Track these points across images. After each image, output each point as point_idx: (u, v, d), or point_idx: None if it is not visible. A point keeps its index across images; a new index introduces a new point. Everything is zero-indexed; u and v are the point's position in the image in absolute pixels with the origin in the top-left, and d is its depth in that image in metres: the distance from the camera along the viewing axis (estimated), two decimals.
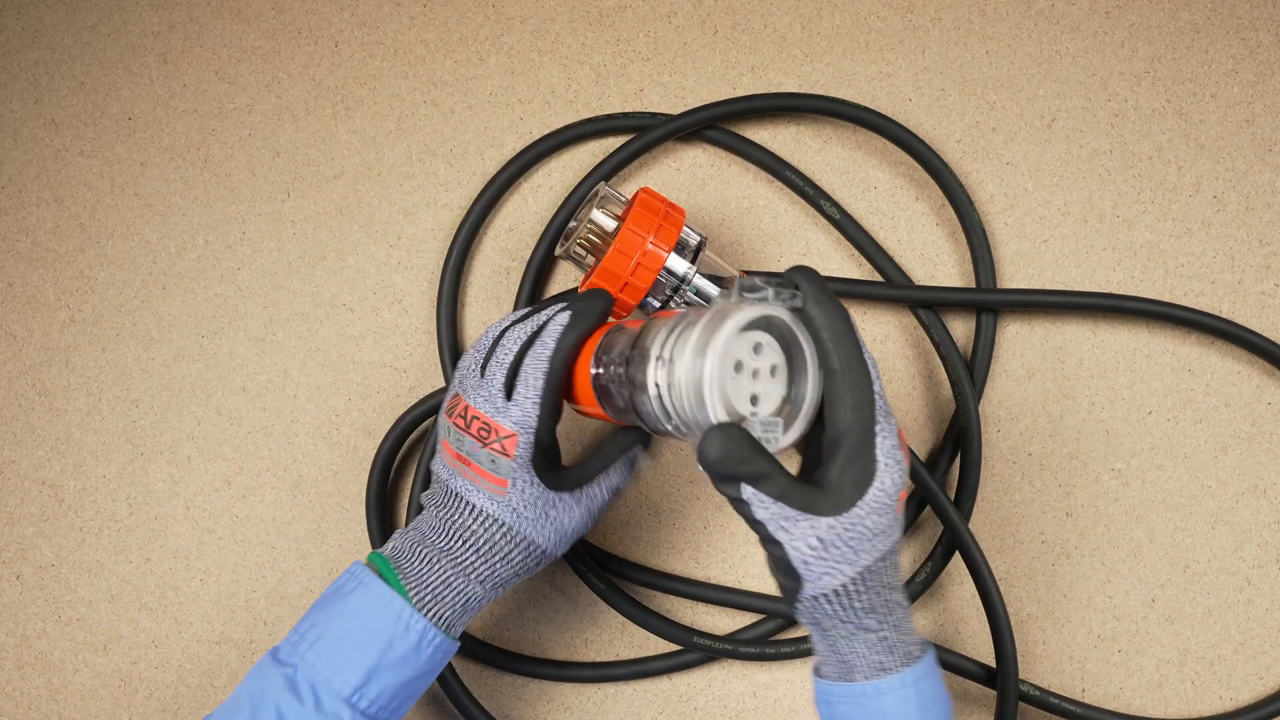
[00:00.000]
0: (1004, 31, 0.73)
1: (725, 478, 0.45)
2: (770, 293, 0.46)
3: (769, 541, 0.47)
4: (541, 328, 0.54)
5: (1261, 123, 0.72)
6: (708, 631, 0.67)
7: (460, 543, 0.53)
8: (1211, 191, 0.71)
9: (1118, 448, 0.69)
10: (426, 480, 0.66)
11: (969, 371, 0.68)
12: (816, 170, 0.71)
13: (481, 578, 0.54)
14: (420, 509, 0.55)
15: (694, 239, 0.62)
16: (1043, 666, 0.68)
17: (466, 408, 0.53)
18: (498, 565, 0.54)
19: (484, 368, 0.54)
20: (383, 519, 0.68)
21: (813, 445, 0.50)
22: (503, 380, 0.53)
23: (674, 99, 0.72)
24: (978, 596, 0.67)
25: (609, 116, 0.71)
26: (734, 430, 0.44)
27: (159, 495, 0.69)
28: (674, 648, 0.68)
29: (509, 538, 0.53)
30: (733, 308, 0.45)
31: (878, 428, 0.47)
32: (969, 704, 0.68)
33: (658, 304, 0.62)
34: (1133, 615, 0.68)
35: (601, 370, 0.52)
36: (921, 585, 0.67)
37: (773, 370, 0.46)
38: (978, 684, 0.66)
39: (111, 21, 0.74)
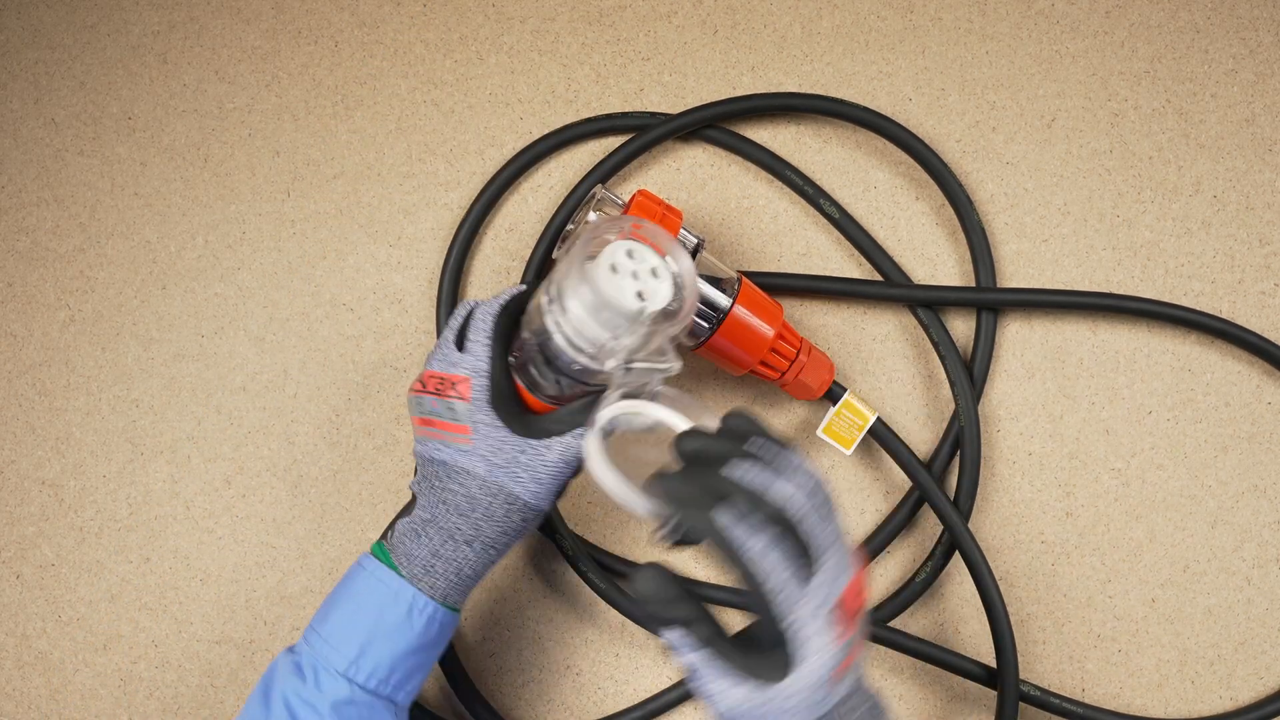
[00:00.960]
0: (1004, 31, 0.73)
1: (651, 619, 0.44)
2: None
3: (691, 682, 0.46)
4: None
5: (1261, 123, 0.72)
6: None
7: (441, 506, 0.53)
8: (1211, 191, 0.71)
9: (1118, 448, 0.69)
10: None
11: (968, 371, 0.68)
12: (816, 170, 0.71)
13: (468, 538, 0.53)
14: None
15: (691, 240, 0.62)
16: (1043, 666, 0.68)
17: (423, 373, 0.55)
18: (481, 523, 0.53)
19: (440, 336, 0.56)
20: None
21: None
22: (453, 338, 0.55)
23: (674, 99, 0.72)
24: (977, 596, 0.67)
25: (608, 116, 0.71)
26: (661, 572, 0.43)
27: (159, 495, 0.69)
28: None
29: (485, 489, 0.53)
30: (588, 229, 0.50)
31: (813, 609, 0.41)
32: (969, 704, 0.68)
33: None
34: (1133, 615, 0.68)
35: (516, 354, 0.55)
36: (921, 585, 0.67)
37: (653, 271, 0.50)
38: (977, 684, 0.66)
39: (111, 21, 0.74)
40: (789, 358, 0.63)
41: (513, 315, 0.56)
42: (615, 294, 0.48)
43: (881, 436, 0.66)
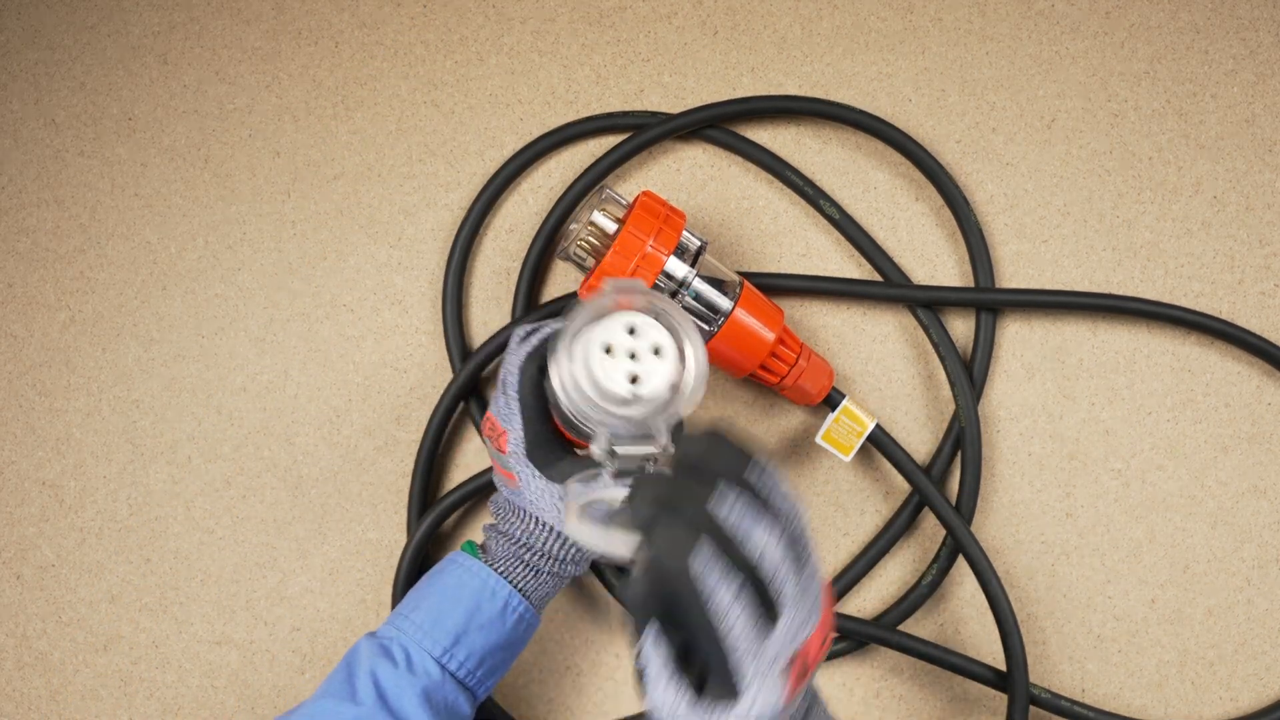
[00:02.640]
0: (1004, 32, 0.73)
1: (633, 632, 0.41)
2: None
3: (645, 688, 0.42)
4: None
5: (1261, 123, 0.72)
6: None
7: (514, 533, 0.57)
8: (1211, 191, 0.71)
9: (1118, 448, 0.69)
10: None
11: (968, 372, 0.68)
12: (816, 171, 0.71)
13: (537, 567, 0.57)
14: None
15: (694, 243, 0.62)
16: (1043, 666, 0.68)
17: (488, 416, 0.58)
18: (544, 552, 0.57)
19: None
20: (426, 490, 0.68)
21: None
22: (502, 387, 0.57)
23: (674, 99, 0.72)
24: (978, 596, 0.67)
25: (608, 115, 0.71)
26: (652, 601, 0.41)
27: (159, 496, 0.69)
28: None
29: (539, 525, 0.56)
30: (595, 301, 0.45)
31: (768, 663, 0.39)
32: (969, 704, 0.68)
33: None
34: (1133, 615, 0.68)
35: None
36: (928, 589, 0.67)
37: (656, 350, 0.45)
38: (982, 685, 0.66)
39: (111, 21, 0.74)
40: (789, 362, 0.63)
41: (542, 359, 0.56)
42: (603, 376, 0.44)
43: (880, 443, 0.66)
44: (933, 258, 0.71)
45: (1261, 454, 0.69)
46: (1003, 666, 0.65)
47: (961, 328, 0.70)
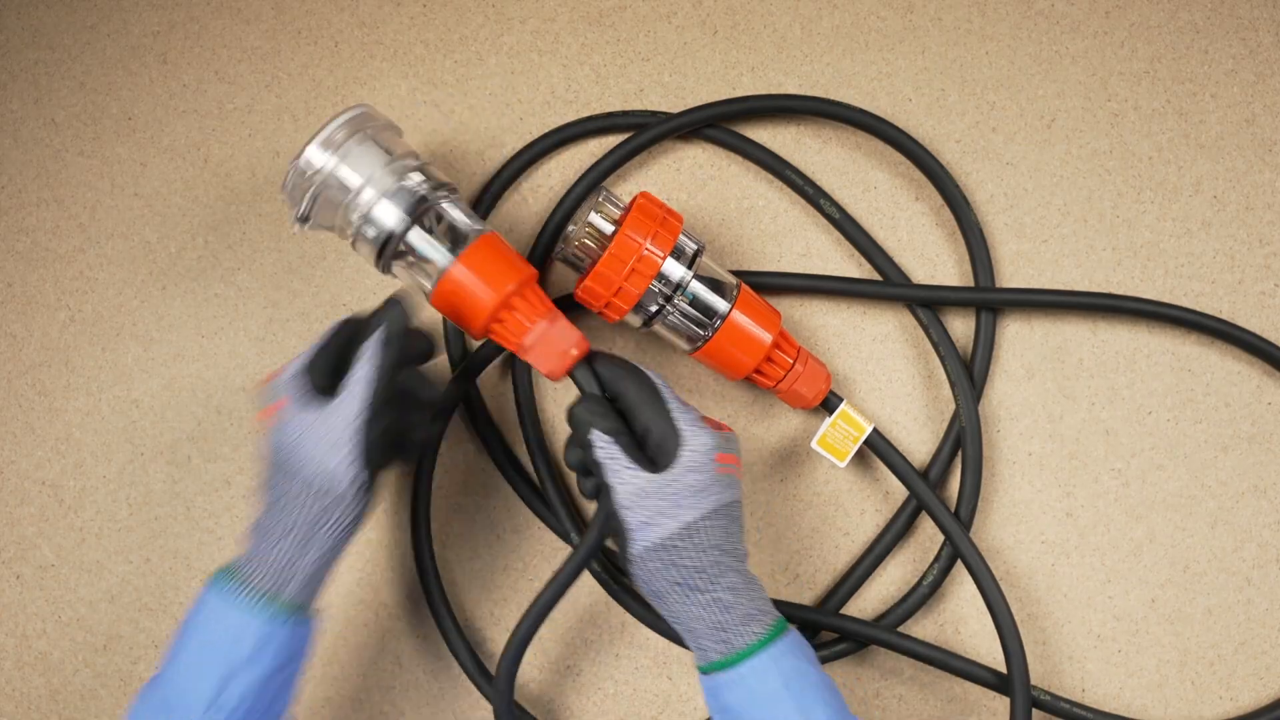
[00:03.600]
0: (1004, 31, 0.73)
1: (583, 425, 0.55)
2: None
3: (603, 488, 0.54)
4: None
5: (1261, 123, 0.72)
6: None
7: (267, 501, 0.54)
8: (1211, 191, 0.71)
9: (1118, 448, 0.69)
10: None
11: (968, 372, 0.68)
12: (816, 170, 0.71)
13: (290, 536, 0.53)
14: None
15: (691, 246, 0.62)
16: (1043, 666, 0.68)
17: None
18: (292, 506, 0.53)
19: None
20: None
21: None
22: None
23: (674, 99, 0.72)
24: (976, 597, 0.67)
25: (608, 115, 0.71)
26: (600, 400, 0.56)
27: (159, 496, 0.69)
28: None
29: (292, 463, 0.53)
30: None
31: (673, 409, 0.55)
32: (968, 705, 0.68)
33: (653, 309, 0.61)
34: (1133, 615, 0.68)
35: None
36: (928, 590, 0.66)
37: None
38: (981, 688, 0.66)
39: (111, 21, 0.74)
40: (785, 366, 0.64)
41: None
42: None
43: (878, 448, 0.66)
44: (932, 257, 0.71)
45: (1261, 454, 0.69)
46: (1004, 669, 0.65)
47: (961, 327, 0.70)
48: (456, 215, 0.59)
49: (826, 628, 0.66)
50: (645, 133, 0.69)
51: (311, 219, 0.59)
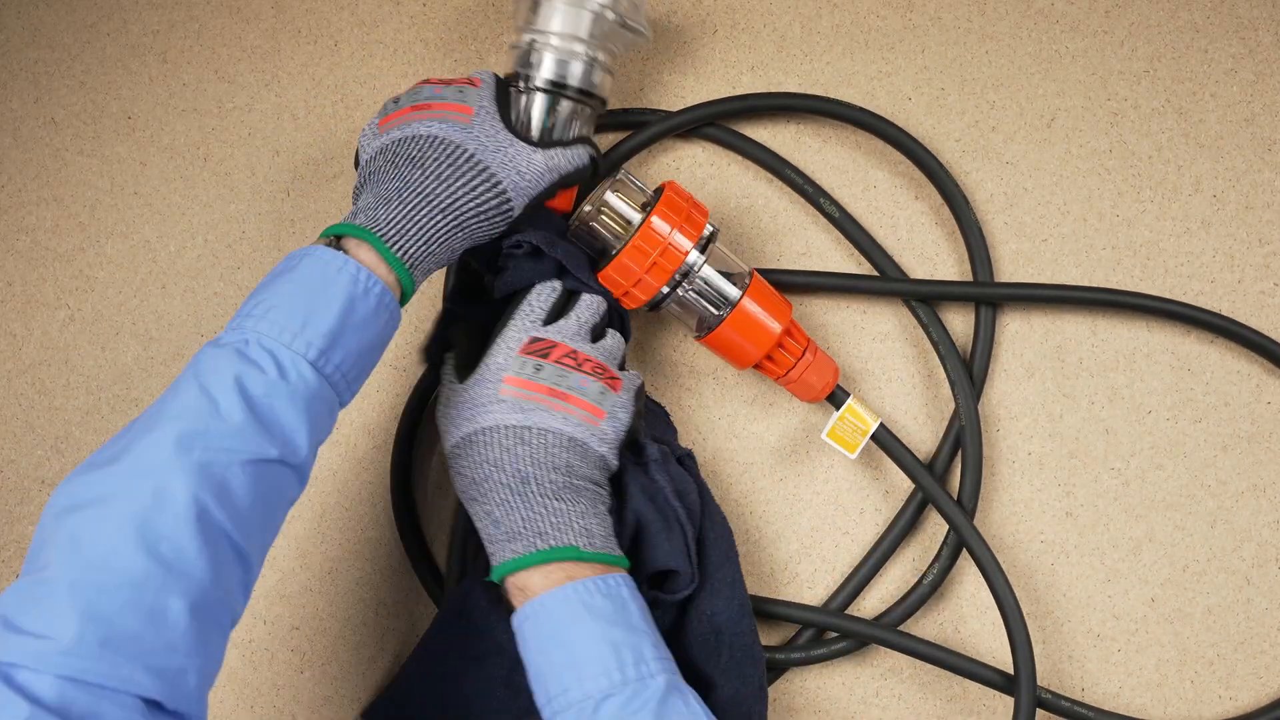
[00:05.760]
0: (1004, 31, 0.73)
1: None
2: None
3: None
4: None
5: (1261, 122, 0.72)
6: None
7: (418, 172, 0.54)
8: (1211, 191, 0.71)
9: (1117, 447, 0.69)
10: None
11: (968, 370, 0.68)
12: (816, 169, 0.71)
13: (443, 207, 0.54)
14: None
15: (706, 230, 0.62)
16: (1043, 666, 0.68)
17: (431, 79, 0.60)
18: (460, 194, 0.55)
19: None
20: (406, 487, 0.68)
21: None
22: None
23: (674, 97, 0.72)
24: (977, 595, 0.67)
25: (609, 112, 0.71)
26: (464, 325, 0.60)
27: None
28: None
29: (470, 162, 0.55)
30: None
31: (507, 331, 0.57)
32: (968, 704, 0.68)
33: (664, 291, 0.61)
34: (1132, 615, 0.68)
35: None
36: (929, 588, 0.66)
37: None
38: (984, 686, 0.66)
39: (111, 21, 0.74)
40: (794, 355, 0.63)
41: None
42: None
43: (883, 441, 0.66)
44: (932, 256, 0.71)
45: (1261, 453, 0.69)
46: (1006, 667, 0.65)
47: (961, 327, 0.70)
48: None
49: (829, 627, 0.66)
50: (644, 131, 0.69)
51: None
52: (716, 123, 0.71)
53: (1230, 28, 0.72)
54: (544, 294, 0.58)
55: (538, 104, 0.61)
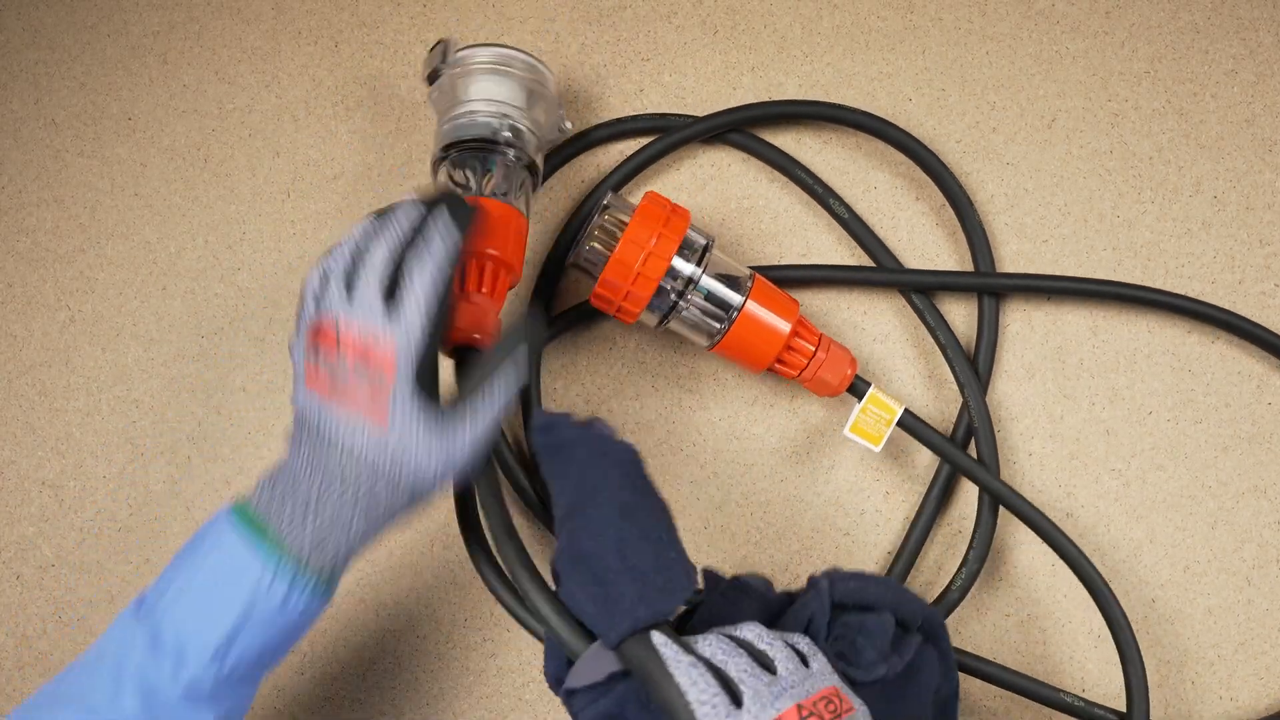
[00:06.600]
0: (1004, 31, 0.73)
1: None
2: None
3: None
4: (415, 234, 0.50)
5: (1261, 123, 0.72)
6: None
7: (336, 484, 0.48)
8: (1211, 191, 0.71)
9: (1118, 448, 0.69)
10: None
11: (973, 364, 0.68)
12: (817, 171, 0.71)
13: (361, 528, 0.49)
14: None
15: (700, 241, 0.62)
16: (1043, 666, 0.68)
17: (321, 315, 0.49)
18: (380, 512, 0.49)
19: (349, 280, 0.49)
20: None
21: None
22: (378, 290, 0.48)
23: (674, 99, 0.72)
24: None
25: (618, 120, 0.70)
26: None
27: (159, 496, 0.69)
28: None
29: (389, 486, 0.49)
30: None
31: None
32: (969, 704, 0.68)
33: (667, 307, 0.61)
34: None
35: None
36: (958, 594, 0.65)
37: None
38: (989, 699, 0.66)
39: (111, 21, 0.74)
40: (807, 354, 0.63)
41: (457, 271, 0.52)
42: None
43: (911, 427, 0.65)
44: (934, 257, 0.71)
45: (1261, 454, 0.69)
46: (1076, 689, 0.64)
47: (962, 327, 0.70)
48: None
49: None
50: (668, 137, 0.69)
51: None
52: (742, 129, 0.71)
53: (1231, 28, 0.72)
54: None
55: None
